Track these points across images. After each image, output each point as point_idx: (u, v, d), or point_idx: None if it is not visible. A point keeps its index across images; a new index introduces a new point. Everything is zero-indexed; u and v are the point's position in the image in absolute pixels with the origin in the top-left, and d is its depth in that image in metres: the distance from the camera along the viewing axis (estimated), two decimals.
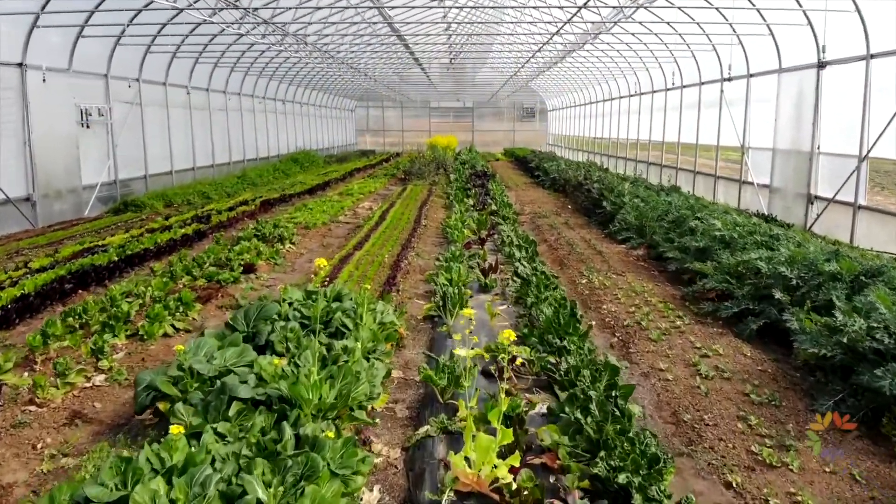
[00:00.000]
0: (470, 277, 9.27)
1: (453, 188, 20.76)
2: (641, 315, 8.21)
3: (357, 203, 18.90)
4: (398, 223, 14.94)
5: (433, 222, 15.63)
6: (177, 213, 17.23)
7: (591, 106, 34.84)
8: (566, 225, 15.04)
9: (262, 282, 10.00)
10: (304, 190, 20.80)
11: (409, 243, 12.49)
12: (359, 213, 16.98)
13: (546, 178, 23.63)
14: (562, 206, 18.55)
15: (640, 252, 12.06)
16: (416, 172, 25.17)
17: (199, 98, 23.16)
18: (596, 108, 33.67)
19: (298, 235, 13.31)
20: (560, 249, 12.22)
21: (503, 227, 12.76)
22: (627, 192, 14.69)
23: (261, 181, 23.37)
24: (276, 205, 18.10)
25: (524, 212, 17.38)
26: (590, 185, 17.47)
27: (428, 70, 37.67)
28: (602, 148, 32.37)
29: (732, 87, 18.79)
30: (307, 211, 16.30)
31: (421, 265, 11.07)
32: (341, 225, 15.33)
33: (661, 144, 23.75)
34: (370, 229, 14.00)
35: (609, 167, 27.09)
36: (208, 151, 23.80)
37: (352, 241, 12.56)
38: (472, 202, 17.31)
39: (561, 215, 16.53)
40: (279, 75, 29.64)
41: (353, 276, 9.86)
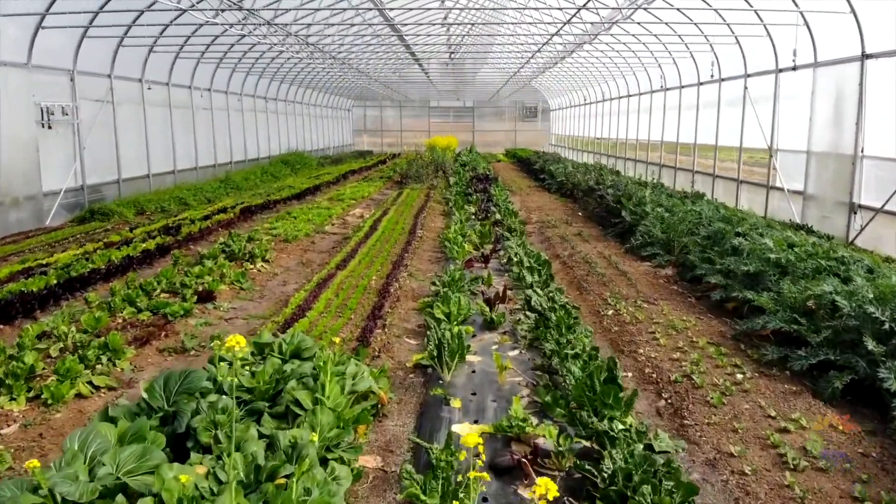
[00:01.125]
0: (472, 309, 7.49)
1: (453, 193, 18.99)
2: (690, 364, 6.41)
3: (347, 210, 17.11)
4: (391, 234, 13.17)
5: (430, 233, 13.85)
6: (148, 221, 15.45)
7: (595, 105, 33.03)
8: (579, 237, 13.25)
9: (221, 313, 8.20)
10: (292, 195, 19.00)
11: (401, 260, 10.71)
12: (348, 222, 15.19)
13: (552, 181, 21.83)
14: (571, 213, 16.76)
15: (669, 272, 10.28)
16: (413, 175, 23.39)
17: (180, 96, 21.35)
18: (601, 108, 31.87)
19: (275, 251, 11.52)
20: (576, 268, 10.42)
21: (510, 242, 10.97)
22: (649, 201, 12.90)
23: (246, 185, 21.57)
24: (258, 212, 16.31)
25: (530, 220, 15.59)
26: (603, 191, 15.68)
27: (427, 68, 35.92)
28: (608, 149, 30.57)
29: (758, 84, 16.99)
30: (290, 220, 14.51)
31: (414, 288, 9.29)
32: (327, 236, 13.53)
33: (676, 146, 21.96)
34: (359, 242, 12.23)
35: (619, 170, 25.29)
36: (190, 153, 22.00)
37: (336, 258, 10.78)
38: (474, 209, 15.53)
39: (572, 224, 14.74)
40: (270, 72, 27.84)
41: (330, 305, 8.08)
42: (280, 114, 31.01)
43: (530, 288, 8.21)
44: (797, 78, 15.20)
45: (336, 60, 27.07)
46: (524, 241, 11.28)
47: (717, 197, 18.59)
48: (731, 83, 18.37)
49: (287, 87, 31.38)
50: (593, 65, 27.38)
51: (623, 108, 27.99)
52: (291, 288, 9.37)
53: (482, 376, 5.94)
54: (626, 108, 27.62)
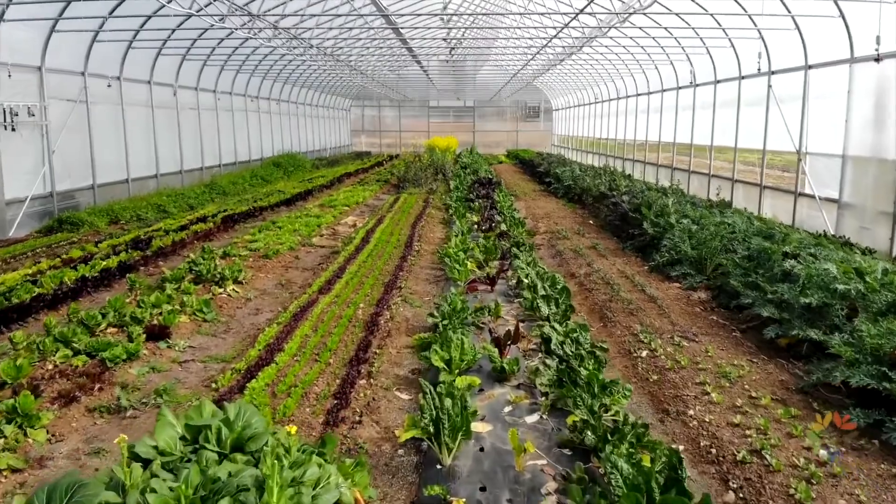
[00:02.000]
0: (477, 353, 6.06)
1: (453, 198, 17.57)
2: (756, 434, 4.98)
3: (339, 218, 15.69)
4: (384, 248, 11.76)
5: (428, 245, 12.44)
6: (121, 231, 14.04)
7: (600, 105, 31.60)
8: (594, 250, 11.83)
9: (176, 353, 6.78)
10: (281, 201, 17.58)
11: (394, 281, 9.29)
12: (339, 233, 13.77)
13: (559, 186, 20.40)
14: (582, 221, 15.33)
15: (702, 296, 8.86)
16: (411, 179, 21.96)
17: (163, 95, 19.92)
18: (607, 108, 30.44)
19: (252, 269, 10.09)
20: (596, 291, 8.99)
21: (519, 262, 9.53)
22: (673, 211, 11.47)
23: (234, 190, 20.14)
24: (242, 221, 14.89)
25: (538, 229, 14.17)
26: (617, 198, 14.26)
27: (426, 67, 34.53)
28: (614, 150, 29.13)
29: (783, 82, 15.56)
30: (274, 231, 13.08)
31: (409, 318, 7.88)
32: (314, 250, 12.10)
33: (690, 147, 20.53)
34: (348, 257, 10.81)
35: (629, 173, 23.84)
36: (175, 156, 20.57)
37: (321, 278, 9.36)
38: (476, 218, 14.11)
39: (585, 235, 13.31)
40: (262, 70, 26.39)
41: (306, 345, 6.67)
42: (273, 114, 29.57)
43: (547, 322, 6.80)
44: (830, 75, 13.78)
45: (332, 59, 25.66)
46: (535, 259, 9.85)
47: (736, 203, 17.17)
48: (752, 81, 16.93)
49: (281, 86, 29.93)
50: (599, 62, 25.94)
51: (631, 108, 26.55)
52: (264, 318, 7.95)
53: (493, 458, 4.51)
54: (634, 108, 26.18)
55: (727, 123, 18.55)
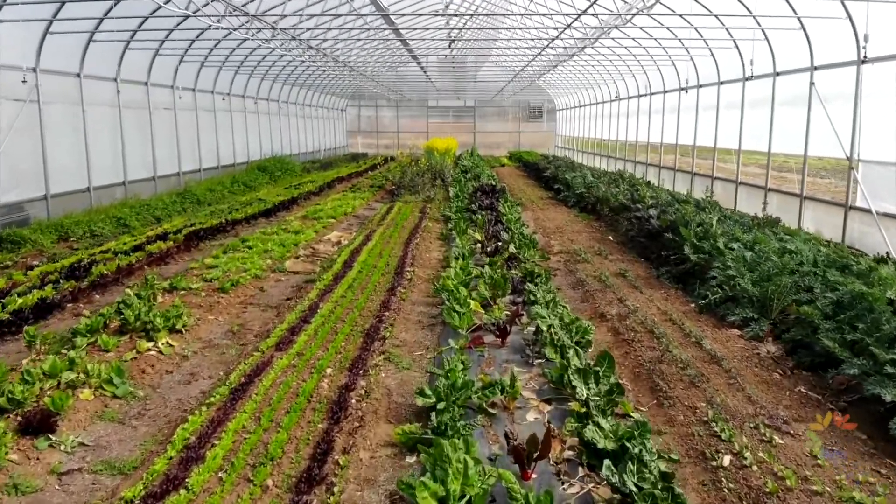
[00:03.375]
0: (488, 478, 3.98)
1: (453, 209, 15.48)
2: None
3: (323, 233, 13.60)
4: (370, 275, 9.67)
5: (423, 269, 10.36)
6: (68, 252, 11.97)
7: (607, 105, 29.49)
8: (623, 278, 9.72)
9: (57, 459, 4.66)
10: (259, 212, 15.47)
11: (377, 327, 7.20)
12: (319, 253, 11.67)
13: (569, 193, 18.30)
14: (600, 237, 13.24)
15: (772, 349, 6.78)
16: (407, 185, 19.84)
17: (132, 93, 17.81)
18: (615, 108, 28.33)
19: (202, 308, 7.99)
20: (638, 344, 6.87)
21: (536, 305, 7.42)
22: (720, 232, 9.35)
23: (210, 198, 18.03)
24: (209, 237, 12.78)
25: (551, 248, 12.08)
26: (643, 212, 12.18)
27: (425, 65, 32.47)
28: (624, 152, 27.04)
29: (828, 79, 13.50)
30: (242, 252, 10.98)
31: (391, 391, 5.78)
32: (285, 279, 9.98)
33: (713, 151, 18.42)
34: (324, 289, 8.73)
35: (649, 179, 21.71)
36: (147, 161, 18.46)
37: (283, 324, 7.26)
38: (479, 236, 12.02)
39: (607, 257, 11.20)
40: (248, 67, 24.25)
41: (241, 448, 4.59)
42: (262, 114, 27.42)
43: (586, 410, 4.71)
44: (888, 70, 11.71)
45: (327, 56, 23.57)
46: (555, 297, 7.73)
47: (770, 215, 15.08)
48: (789, 78, 14.83)
49: (270, 85, 27.78)
50: (607, 58, 23.82)
51: (643, 108, 24.43)
52: (198, 390, 5.85)
53: None
54: (647, 108, 24.07)
55: (756, 125, 16.49)
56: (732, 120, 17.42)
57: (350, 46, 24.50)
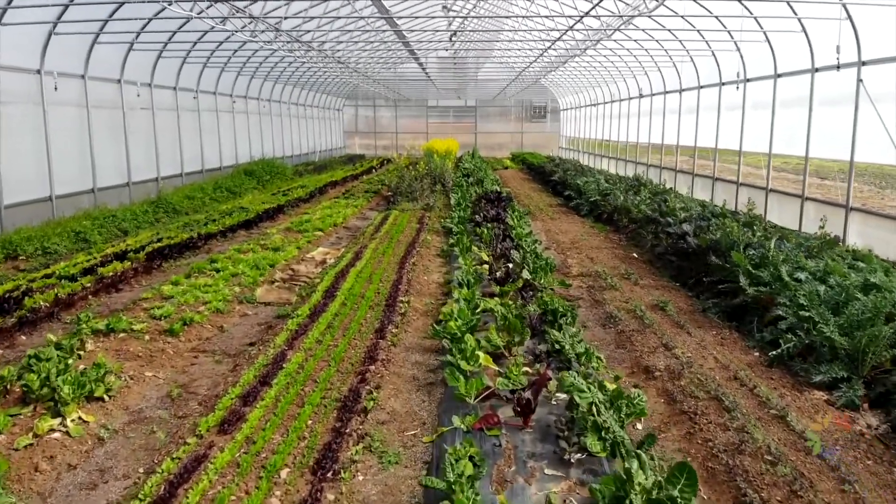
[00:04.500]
0: None
1: (455, 219, 13.75)
2: None
3: (307, 249, 11.86)
4: (356, 308, 7.94)
5: (421, 298, 8.63)
6: (14, 274, 10.26)
7: (617, 104, 27.73)
8: (661, 312, 7.96)
9: None
10: (239, 223, 13.72)
11: (357, 393, 5.47)
12: (299, 276, 9.92)
13: (582, 201, 16.54)
14: (624, 255, 11.49)
15: (872, 421, 5.06)
16: (404, 191, 18.10)
17: (103, 92, 16.05)
18: (626, 107, 26.55)
19: (139, 361, 6.26)
20: (701, 417, 5.11)
21: (570, 376, 5.65)
22: (782, 259, 7.60)
23: (189, 206, 16.28)
24: (175, 255, 11.04)
25: (569, 269, 10.34)
26: (674, 227, 10.44)
27: (425, 64, 30.75)
28: (633, 154, 25.30)
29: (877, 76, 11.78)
30: (207, 276, 9.23)
31: (370, 502, 4.07)
32: (252, 313, 8.22)
33: (739, 154, 16.67)
34: (297, 330, 7.00)
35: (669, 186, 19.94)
36: (121, 166, 16.72)
37: (236, 386, 5.55)
38: (486, 255, 10.28)
39: (638, 283, 9.43)
40: (236, 64, 22.50)
41: None
42: (252, 114, 25.65)
43: None
44: None
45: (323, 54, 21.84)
46: (588, 349, 5.99)
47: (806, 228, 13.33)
48: (828, 74, 13.10)
49: (261, 83, 26.01)
50: (616, 53, 22.06)
51: (657, 108, 22.67)
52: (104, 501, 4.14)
53: None
54: (660, 108, 22.30)
55: (790, 125, 14.77)
56: (761, 121, 15.69)
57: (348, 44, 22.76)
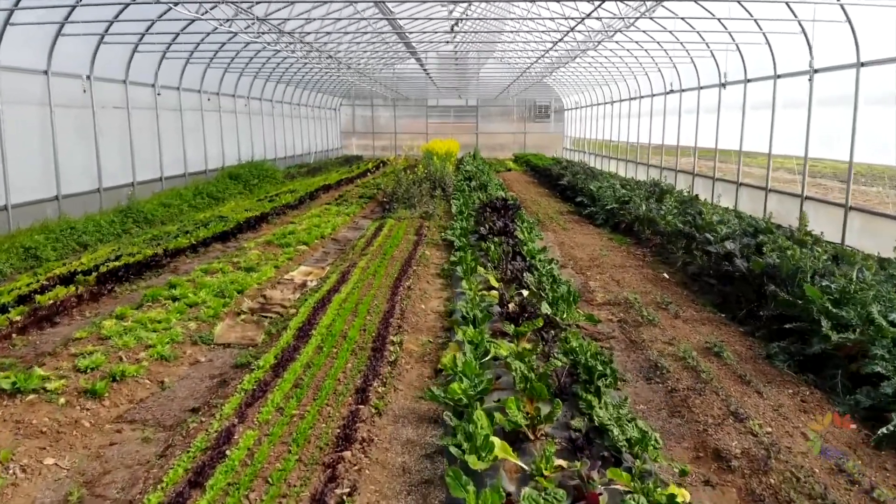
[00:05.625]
0: None
1: (457, 231, 12.11)
2: None
3: (287, 267, 10.21)
4: (334, 353, 6.29)
5: (416, 336, 6.99)
6: None
7: (625, 104, 26.06)
8: (717, 359, 6.29)
9: None
10: (214, 235, 12.06)
11: (324, 496, 3.86)
12: (272, 304, 8.27)
13: (597, 209, 14.87)
14: (652, 274, 9.81)
15: None
16: (401, 198, 16.45)
17: (69, 90, 14.37)
18: (633, 106, 24.89)
19: (43, 437, 4.63)
20: None
21: (610, 445, 4.02)
22: (872, 297, 5.96)
23: (163, 214, 14.62)
24: (134, 276, 9.37)
25: (593, 294, 8.69)
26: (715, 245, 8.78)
27: (425, 62, 29.12)
28: (644, 156, 23.65)
29: None
30: (158, 308, 7.55)
31: None
32: (206, 357, 6.54)
33: (768, 158, 14.99)
34: (257, 387, 5.36)
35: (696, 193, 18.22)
36: (90, 170, 15.06)
37: (157, 490, 3.93)
38: (494, 277, 8.64)
39: (679, 314, 7.72)
40: (223, 60, 20.86)
41: None
42: (241, 113, 23.95)
43: None
44: None
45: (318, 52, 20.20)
46: (646, 438, 4.35)
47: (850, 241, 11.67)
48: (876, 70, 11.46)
49: (251, 81, 24.31)
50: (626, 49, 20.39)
51: (672, 107, 20.99)
52: None
53: None
54: (675, 107, 20.63)
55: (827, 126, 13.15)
56: (794, 121, 14.04)
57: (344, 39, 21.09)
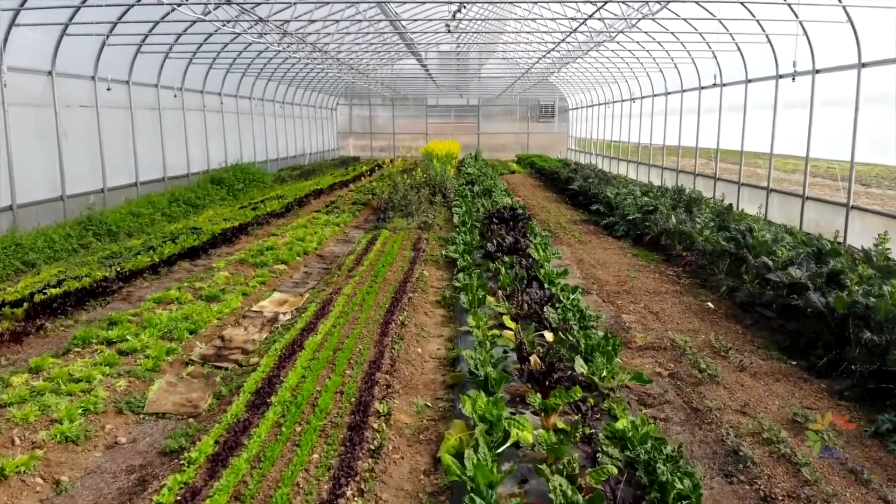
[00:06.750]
0: None
1: (460, 247, 10.42)
2: None
3: (258, 293, 8.51)
4: (299, 432, 4.64)
5: (410, 396, 5.30)
6: None
7: (636, 102, 24.36)
8: (810, 437, 4.67)
9: None
10: (182, 251, 10.36)
11: None
12: (231, 348, 6.57)
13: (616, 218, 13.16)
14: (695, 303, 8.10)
15: None
16: (398, 205, 14.77)
17: (29, 87, 12.70)
18: (646, 105, 23.18)
19: None
20: None
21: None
22: None
23: (132, 225, 12.90)
24: (71, 308, 7.68)
25: (629, 332, 7.01)
26: (777, 273, 7.08)
27: (424, 60, 27.47)
28: (657, 159, 21.97)
29: None
30: (88, 353, 5.90)
31: None
32: (130, 436, 4.78)
33: (805, 161, 13.29)
34: (189, 489, 3.72)
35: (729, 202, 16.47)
36: (52, 175, 13.34)
37: None
38: (506, 307, 6.97)
39: (743, 365, 6.00)
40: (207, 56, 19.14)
41: None
42: (229, 113, 22.22)
43: None
44: None
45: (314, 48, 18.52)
46: None
47: None
48: None
49: (239, 78, 22.57)
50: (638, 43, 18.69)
51: (690, 106, 19.28)
52: None
53: None
54: (693, 106, 18.94)
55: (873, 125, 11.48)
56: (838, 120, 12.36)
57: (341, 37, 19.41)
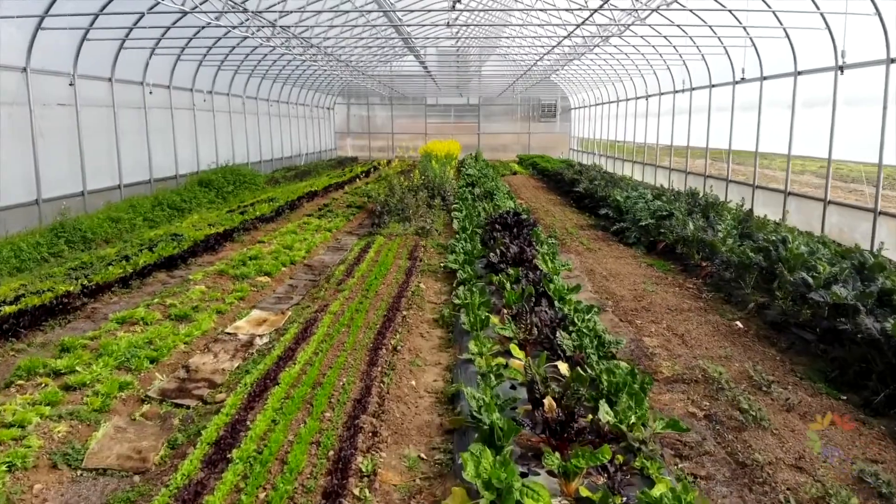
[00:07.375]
0: None
1: (459, 257, 9.54)
2: None
3: (235, 311, 7.63)
4: (268, 489, 3.78)
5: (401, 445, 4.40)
6: None
7: (641, 101, 23.46)
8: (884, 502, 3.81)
9: None
10: (161, 259, 9.45)
11: None
12: (196, 380, 5.66)
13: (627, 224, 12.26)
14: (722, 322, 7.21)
15: None
16: (394, 209, 13.90)
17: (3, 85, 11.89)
18: (652, 104, 22.30)
19: None
20: None
21: None
22: None
23: (109, 232, 12.00)
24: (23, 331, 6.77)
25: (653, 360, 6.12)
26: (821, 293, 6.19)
27: (424, 58, 26.60)
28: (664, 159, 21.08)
29: None
30: (32, 388, 5.01)
31: None
32: (62, 499, 4.04)
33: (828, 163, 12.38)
34: None
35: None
36: (28, 178, 12.43)
37: None
38: (513, 331, 6.09)
39: (790, 402, 5.15)
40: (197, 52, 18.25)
41: None
42: (221, 112, 21.29)
43: None
44: None
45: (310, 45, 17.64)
46: None
47: None
48: None
49: (231, 76, 21.67)
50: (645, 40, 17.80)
51: (699, 105, 18.39)
52: None
53: None
54: (704, 105, 18.05)
55: None
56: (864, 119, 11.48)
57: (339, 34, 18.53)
